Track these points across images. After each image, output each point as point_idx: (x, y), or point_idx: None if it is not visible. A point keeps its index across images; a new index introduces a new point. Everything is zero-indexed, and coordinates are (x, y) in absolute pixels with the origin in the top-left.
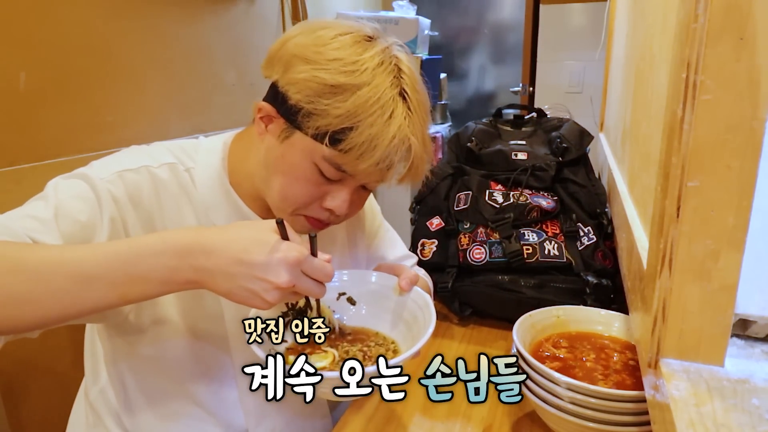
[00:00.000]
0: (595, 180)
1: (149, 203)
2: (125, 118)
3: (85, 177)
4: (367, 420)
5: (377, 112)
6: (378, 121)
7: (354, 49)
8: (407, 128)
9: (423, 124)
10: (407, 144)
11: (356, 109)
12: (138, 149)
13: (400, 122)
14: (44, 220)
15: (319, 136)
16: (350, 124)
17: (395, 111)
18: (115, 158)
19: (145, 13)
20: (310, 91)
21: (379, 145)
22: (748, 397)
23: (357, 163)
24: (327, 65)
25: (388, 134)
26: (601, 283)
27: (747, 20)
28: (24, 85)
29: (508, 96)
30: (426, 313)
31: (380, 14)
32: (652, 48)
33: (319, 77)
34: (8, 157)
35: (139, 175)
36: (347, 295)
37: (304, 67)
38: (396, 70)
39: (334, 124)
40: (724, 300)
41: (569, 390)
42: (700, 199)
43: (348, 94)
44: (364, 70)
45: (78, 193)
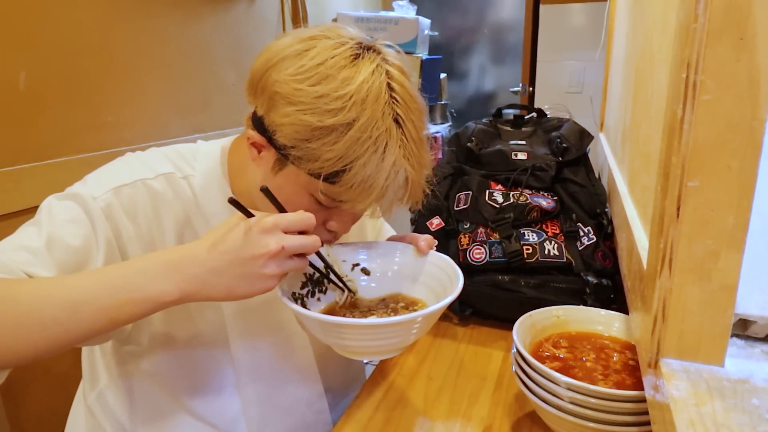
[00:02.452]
0: (595, 180)
1: (146, 217)
2: (125, 118)
3: (79, 198)
4: (367, 420)
5: (370, 149)
6: (372, 159)
7: (340, 77)
8: (402, 159)
9: (419, 147)
10: (404, 175)
11: (347, 151)
12: (134, 158)
13: (395, 155)
14: (37, 251)
15: (313, 175)
16: (342, 166)
17: (389, 143)
18: (110, 170)
19: (145, 14)
20: (297, 135)
21: (375, 184)
22: (748, 397)
23: (355, 201)
24: (311, 105)
25: (383, 171)
26: (601, 283)
27: (747, 20)
28: (24, 85)
29: (508, 96)
30: (450, 272)
31: (380, 14)
32: (652, 48)
33: (305, 121)
34: (8, 157)
35: (135, 189)
36: (361, 266)
37: (288, 109)
38: (388, 92)
39: (326, 167)
40: (724, 300)
41: (569, 390)
42: (700, 199)
43: (337, 135)
44: (352, 105)
45: (71, 217)
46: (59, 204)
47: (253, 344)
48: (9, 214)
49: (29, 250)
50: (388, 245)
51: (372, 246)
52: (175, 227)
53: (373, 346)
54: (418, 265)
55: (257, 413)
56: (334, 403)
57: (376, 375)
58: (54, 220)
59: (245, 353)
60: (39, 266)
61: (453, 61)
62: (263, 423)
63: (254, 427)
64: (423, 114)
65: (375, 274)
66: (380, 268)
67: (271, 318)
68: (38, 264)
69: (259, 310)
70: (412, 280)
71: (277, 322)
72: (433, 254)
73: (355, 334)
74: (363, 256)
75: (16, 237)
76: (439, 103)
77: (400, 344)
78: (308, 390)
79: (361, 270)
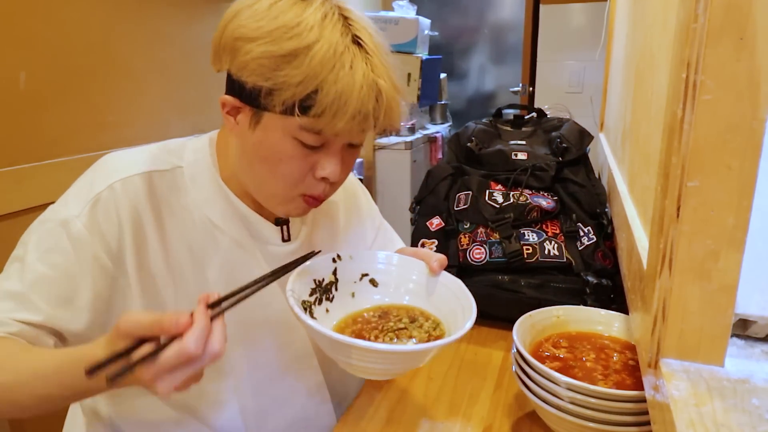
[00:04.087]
0: (595, 180)
1: (133, 217)
2: (125, 118)
3: (59, 223)
4: (367, 420)
5: (337, 65)
6: (341, 75)
7: (293, 11)
8: (371, 73)
9: (386, 66)
10: (376, 88)
11: (314, 70)
12: (112, 160)
13: (363, 69)
14: (21, 296)
15: (288, 109)
16: (314, 87)
17: (354, 60)
18: (87, 180)
19: (145, 13)
20: (264, 68)
21: (350, 98)
22: (748, 397)
23: (334, 123)
24: (270, 37)
25: (355, 84)
26: (601, 283)
27: (747, 20)
28: (24, 85)
29: (508, 96)
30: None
31: (380, 14)
32: (652, 48)
33: (268, 51)
34: (8, 157)
35: (113, 193)
36: (370, 276)
37: (250, 46)
38: (342, 19)
39: (298, 92)
40: (724, 300)
41: (569, 390)
42: (700, 199)
43: (302, 58)
44: (310, 29)
45: (52, 245)
46: (41, 230)
47: (248, 335)
48: (9, 214)
49: (14, 297)
50: (402, 260)
51: (386, 258)
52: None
53: (379, 369)
54: (430, 284)
55: (255, 406)
56: (335, 394)
57: None
58: (36, 253)
59: (240, 345)
60: (26, 311)
61: (453, 61)
62: (261, 415)
63: (252, 418)
64: (382, 40)
65: (384, 287)
66: (389, 282)
67: (268, 308)
68: (25, 309)
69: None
70: (421, 300)
71: (272, 312)
72: (445, 275)
73: (363, 356)
74: (375, 267)
75: (2, 281)
76: (439, 103)
77: (406, 369)
78: (307, 380)
79: (370, 281)
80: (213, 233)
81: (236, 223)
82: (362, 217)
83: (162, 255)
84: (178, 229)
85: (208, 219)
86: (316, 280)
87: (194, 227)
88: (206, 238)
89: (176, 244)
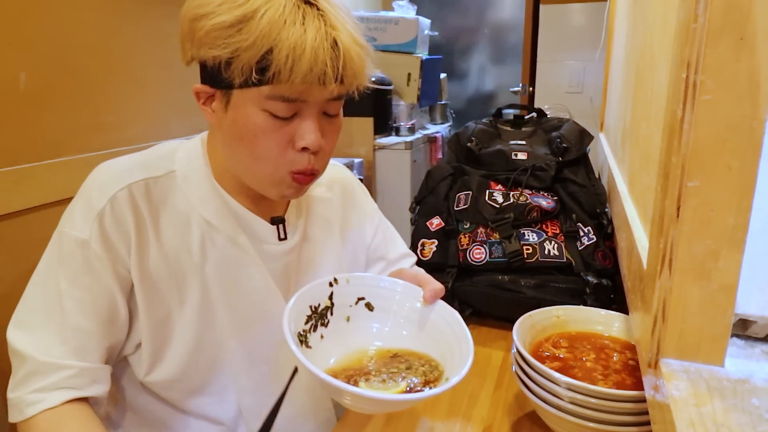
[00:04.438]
0: (595, 180)
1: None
2: (125, 118)
3: (77, 243)
4: (367, 420)
5: (288, 22)
6: (292, 30)
7: None
8: (325, 27)
9: (344, 20)
10: (331, 39)
11: (264, 30)
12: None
13: (316, 24)
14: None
15: (248, 79)
16: (267, 46)
17: (306, 17)
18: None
19: (145, 14)
20: (218, 40)
21: (304, 52)
22: (748, 397)
23: (292, 80)
24: (221, 9)
25: (307, 37)
26: (601, 283)
27: (747, 20)
28: (24, 85)
29: (508, 96)
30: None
31: (380, 14)
32: (652, 48)
33: (218, 22)
34: (8, 157)
35: (114, 205)
36: (366, 300)
37: (201, 24)
38: None
39: (252, 55)
40: (724, 300)
41: (569, 390)
42: (700, 199)
43: (252, 22)
44: None
45: (78, 270)
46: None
47: (245, 332)
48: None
49: (68, 344)
50: (399, 285)
51: (383, 283)
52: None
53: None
54: (425, 313)
55: (253, 402)
56: None
57: None
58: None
59: (237, 342)
60: (89, 350)
61: (453, 61)
62: (260, 410)
63: (251, 415)
64: (344, 7)
65: (379, 312)
66: (386, 306)
67: (262, 305)
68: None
69: (249, 298)
70: (417, 328)
71: (269, 309)
72: (441, 305)
73: (355, 400)
74: (371, 291)
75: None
76: (439, 103)
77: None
78: (306, 377)
79: (366, 305)
80: (209, 232)
81: (231, 222)
82: (360, 215)
83: (162, 260)
84: (176, 232)
85: (203, 218)
86: (312, 306)
87: (190, 228)
88: (203, 237)
89: (175, 247)
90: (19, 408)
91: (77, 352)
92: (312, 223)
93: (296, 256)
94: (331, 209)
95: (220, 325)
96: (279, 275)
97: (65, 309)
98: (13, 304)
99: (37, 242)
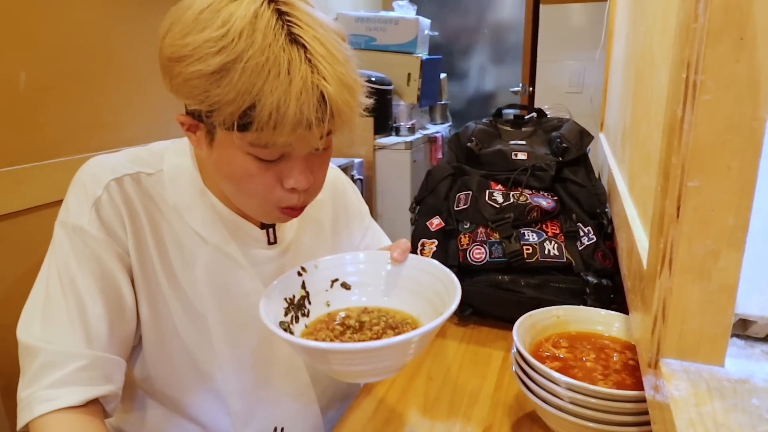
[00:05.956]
0: (595, 180)
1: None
2: (125, 118)
3: (76, 230)
4: (366, 420)
5: (271, 74)
6: (276, 83)
7: (220, 17)
8: (311, 75)
9: (332, 61)
10: (318, 92)
11: (246, 84)
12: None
13: (303, 73)
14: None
15: (230, 127)
16: (250, 102)
17: (291, 64)
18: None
19: (145, 14)
20: (196, 89)
21: (288, 109)
22: (748, 397)
23: (276, 137)
24: (197, 53)
25: (292, 93)
26: (601, 283)
27: (747, 20)
28: (24, 85)
29: (508, 96)
30: (443, 278)
31: (380, 14)
32: (652, 48)
33: (196, 71)
34: (8, 157)
35: (111, 192)
36: (340, 281)
37: (178, 68)
38: (276, 15)
39: (234, 110)
40: (724, 300)
41: (569, 390)
42: (700, 199)
43: (232, 73)
44: (239, 36)
45: (80, 256)
46: (63, 242)
47: (235, 337)
48: (9, 214)
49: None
50: (368, 255)
51: (351, 258)
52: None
53: (364, 370)
54: (399, 271)
55: (242, 407)
56: (321, 394)
57: None
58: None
59: (226, 346)
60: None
61: (453, 61)
62: (248, 416)
63: (239, 420)
64: (335, 34)
65: (357, 288)
66: (362, 281)
67: (251, 310)
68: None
69: (238, 302)
70: (397, 288)
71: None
72: (414, 259)
73: (342, 360)
74: (343, 270)
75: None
76: (439, 103)
77: (395, 366)
78: (294, 381)
79: (341, 285)
80: (197, 238)
81: (219, 230)
82: (350, 218)
83: (156, 252)
84: (168, 228)
85: (188, 226)
86: (287, 298)
87: (181, 228)
88: (192, 240)
89: (167, 242)
90: (30, 407)
91: (88, 339)
92: (303, 226)
93: (287, 260)
94: (323, 211)
95: (209, 329)
96: (269, 279)
97: (73, 297)
98: (14, 304)
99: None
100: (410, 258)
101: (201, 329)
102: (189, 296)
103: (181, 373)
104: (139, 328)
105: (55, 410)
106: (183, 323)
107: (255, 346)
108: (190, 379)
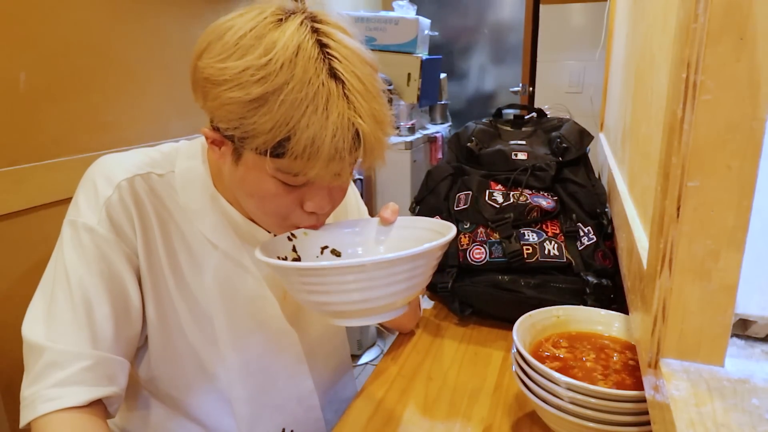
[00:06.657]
0: (595, 180)
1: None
2: (125, 118)
3: (85, 229)
4: (366, 420)
5: (309, 109)
6: (314, 118)
7: (263, 45)
8: (348, 112)
9: (369, 100)
10: (353, 129)
11: (284, 116)
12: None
13: (340, 109)
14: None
15: (262, 153)
16: (285, 133)
17: (330, 99)
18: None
19: (145, 14)
20: (232, 115)
21: (323, 144)
22: (748, 397)
23: (309, 168)
24: (237, 81)
25: (328, 129)
26: (601, 283)
27: (747, 20)
28: (24, 85)
29: (508, 96)
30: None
31: (380, 14)
32: (652, 48)
33: (234, 98)
34: (8, 157)
35: (121, 192)
36: (330, 248)
37: (216, 91)
38: (318, 47)
39: (269, 140)
40: (724, 300)
41: (569, 390)
42: (700, 199)
43: (271, 104)
44: (280, 68)
45: (88, 256)
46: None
47: (241, 342)
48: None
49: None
50: (358, 222)
51: (340, 225)
52: (160, 226)
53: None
54: (390, 232)
55: (247, 412)
56: (323, 398)
57: (376, 374)
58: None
59: (233, 351)
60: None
61: (453, 61)
62: (253, 421)
63: (244, 425)
64: (371, 68)
65: (348, 252)
66: (353, 246)
67: (258, 316)
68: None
69: (245, 308)
70: (388, 248)
71: (264, 319)
72: (410, 219)
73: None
74: (333, 238)
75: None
76: (439, 103)
77: (393, 297)
78: (298, 387)
79: (331, 252)
80: (206, 243)
81: (229, 236)
82: (349, 218)
83: (165, 253)
84: (177, 230)
85: (198, 232)
86: (279, 257)
87: (190, 231)
88: (201, 244)
89: (176, 244)
90: (33, 405)
91: (93, 340)
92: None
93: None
94: None
95: (215, 332)
96: (277, 285)
97: (80, 296)
98: (14, 304)
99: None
100: (400, 219)
101: (207, 331)
102: (196, 298)
103: (186, 373)
104: (145, 328)
105: (58, 410)
106: (189, 324)
107: (261, 351)
108: (194, 379)
